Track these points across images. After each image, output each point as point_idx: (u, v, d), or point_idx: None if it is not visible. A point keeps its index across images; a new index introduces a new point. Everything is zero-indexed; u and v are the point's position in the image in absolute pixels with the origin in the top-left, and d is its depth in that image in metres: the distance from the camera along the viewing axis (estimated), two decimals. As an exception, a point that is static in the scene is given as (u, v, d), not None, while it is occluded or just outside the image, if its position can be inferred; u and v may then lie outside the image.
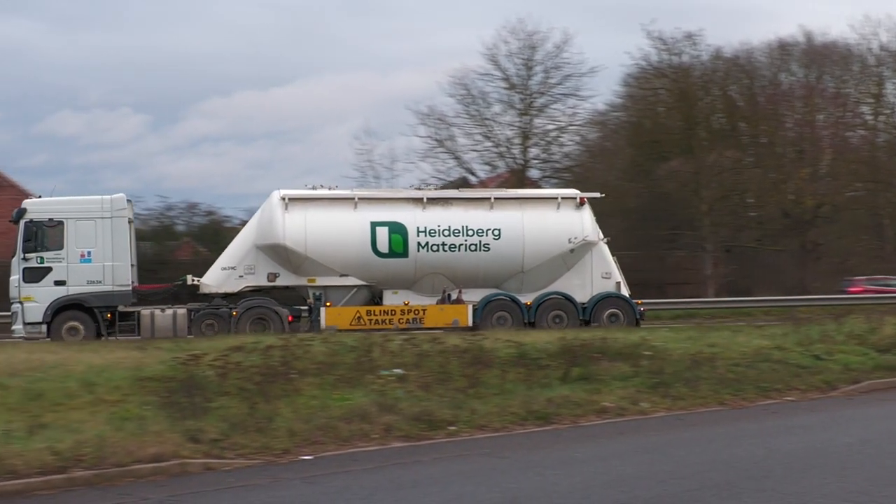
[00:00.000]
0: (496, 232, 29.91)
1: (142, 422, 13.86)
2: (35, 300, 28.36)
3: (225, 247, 30.74)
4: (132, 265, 30.16)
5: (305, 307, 29.66)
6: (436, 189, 31.77)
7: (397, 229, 29.65)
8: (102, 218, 29.03)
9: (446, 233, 29.76)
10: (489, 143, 45.81)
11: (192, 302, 29.74)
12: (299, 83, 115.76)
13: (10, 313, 29.32)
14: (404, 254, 29.69)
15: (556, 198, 31.16)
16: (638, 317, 30.26)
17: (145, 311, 28.88)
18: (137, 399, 15.66)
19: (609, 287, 30.64)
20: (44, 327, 28.38)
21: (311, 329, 28.50)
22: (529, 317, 29.67)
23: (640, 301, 30.90)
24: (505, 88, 45.50)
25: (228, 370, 16.28)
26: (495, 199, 30.65)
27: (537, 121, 45.60)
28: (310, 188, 30.93)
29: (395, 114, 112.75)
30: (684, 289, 44.76)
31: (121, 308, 28.80)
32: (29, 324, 28.40)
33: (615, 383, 18.05)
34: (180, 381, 15.66)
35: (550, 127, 45.88)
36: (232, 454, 13.05)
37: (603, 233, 30.68)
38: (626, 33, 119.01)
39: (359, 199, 30.29)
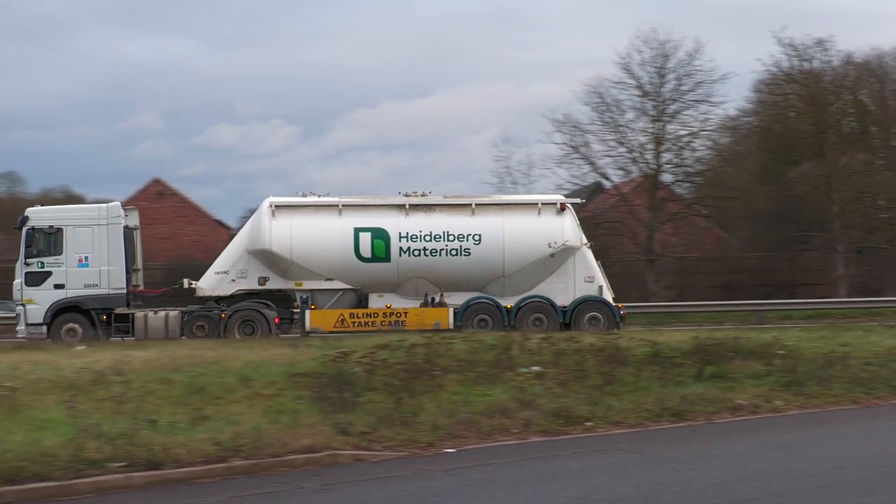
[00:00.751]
0: (477, 237, 29.62)
1: (295, 415, 14.07)
2: (36, 302, 28.88)
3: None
4: (138, 269, 30.87)
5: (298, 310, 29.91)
6: (421, 195, 30.91)
7: (380, 235, 29.58)
8: (99, 225, 29.40)
9: (428, 238, 29.57)
10: (623, 149, 45.33)
11: (192, 304, 30.16)
12: (440, 94, 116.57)
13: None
14: (386, 258, 29.59)
15: (537, 203, 30.54)
16: (618, 320, 29.58)
17: (139, 314, 29.20)
18: (291, 393, 15.88)
19: (592, 291, 29.99)
20: (44, 328, 28.81)
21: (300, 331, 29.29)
22: (510, 320, 29.39)
23: (620, 304, 30.33)
24: (638, 96, 44.99)
25: (375, 367, 16.40)
26: (476, 204, 30.30)
27: (670, 126, 44.95)
28: (300, 195, 31.28)
29: (532, 122, 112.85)
30: (815, 289, 43.70)
31: (117, 310, 29.14)
32: (31, 325, 28.90)
33: (748, 381, 17.73)
34: (331, 377, 15.84)
35: (683, 132, 45.17)
36: (379, 446, 13.17)
37: (734, 234, 29.97)
38: (756, 40, 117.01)
39: (343, 205, 30.28)
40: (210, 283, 30.16)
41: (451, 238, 29.48)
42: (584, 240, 30.58)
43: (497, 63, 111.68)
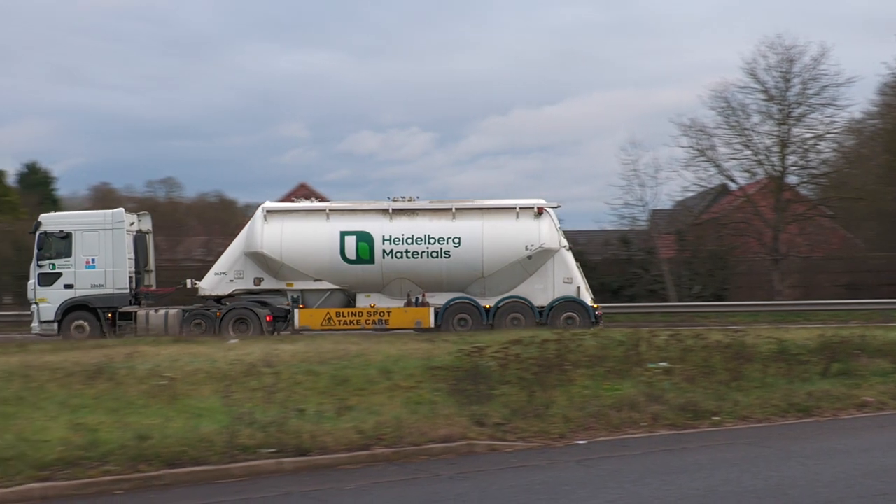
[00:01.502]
0: (456, 240, 29.43)
1: (433, 406, 14.17)
2: (48, 301, 29.58)
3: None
4: (151, 270, 31.50)
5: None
6: (408, 200, 30.70)
7: (364, 238, 29.58)
8: (104, 230, 29.94)
9: (410, 241, 29.45)
10: (748, 152, 44.37)
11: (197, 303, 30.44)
12: (569, 101, 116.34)
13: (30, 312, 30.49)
14: (370, 260, 29.56)
15: (515, 208, 30.02)
16: (593, 320, 29.01)
17: (141, 312, 29.56)
18: (429, 386, 16.00)
19: (570, 291, 29.61)
20: (55, 325, 29.46)
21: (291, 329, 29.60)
22: (489, 319, 29.29)
23: (596, 305, 29.77)
24: (763, 100, 43.99)
25: (508, 361, 16.41)
26: (457, 209, 30.07)
27: (795, 130, 43.84)
28: (298, 200, 31.85)
29: (658, 126, 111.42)
30: (945, 288, 42.21)
31: (121, 308, 29.57)
32: (43, 322, 29.60)
33: (875, 379, 17.25)
34: (466, 370, 15.92)
35: (808, 135, 43.99)
36: (513, 437, 13.17)
37: (859, 234, 29.00)
38: (882, 44, 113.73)
39: (330, 210, 30.44)
40: (210, 283, 30.54)
41: (431, 241, 29.49)
42: (564, 243, 30.31)
43: (624, 70, 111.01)
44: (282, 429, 12.22)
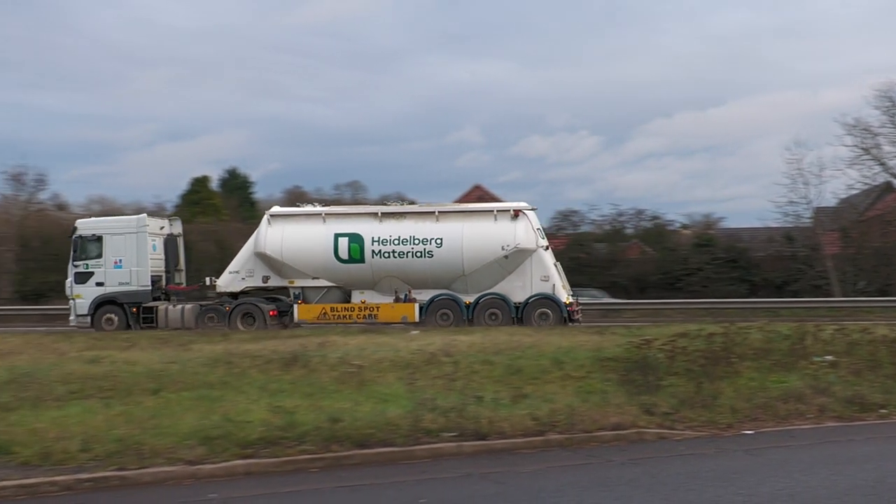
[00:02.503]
0: (439, 241, 29.78)
1: (603, 395, 14.05)
2: (83, 297, 31.01)
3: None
4: (181, 270, 33.21)
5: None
6: (400, 203, 32.06)
7: (355, 239, 30.22)
8: (130, 233, 31.26)
9: (396, 242, 29.96)
10: (914, 150, 42.57)
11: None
12: (733, 103, 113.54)
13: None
14: (361, 260, 30.17)
15: (493, 211, 30.49)
16: (565, 316, 29.09)
17: (161, 307, 30.90)
18: (599, 376, 15.87)
19: (547, 289, 29.56)
20: (89, 318, 30.81)
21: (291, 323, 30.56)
22: (468, 314, 29.54)
23: (570, 301, 29.63)
24: (928, 99, 42.12)
25: (676, 353, 16.10)
26: (440, 212, 30.49)
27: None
28: (302, 205, 33.11)
29: (821, 126, 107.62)
30: None
31: (144, 304, 30.83)
32: (79, 315, 30.98)
33: None
34: (635, 361, 15.71)
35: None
36: (681, 426, 12.92)
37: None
38: None
39: (326, 214, 31.23)
40: (225, 281, 31.53)
41: (416, 242, 29.92)
42: (542, 243, 30.10)
43: (786, 72, 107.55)
44: (461, 414, 12.31)
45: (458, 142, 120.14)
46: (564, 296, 29.62)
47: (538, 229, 30.21)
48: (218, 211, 64.33)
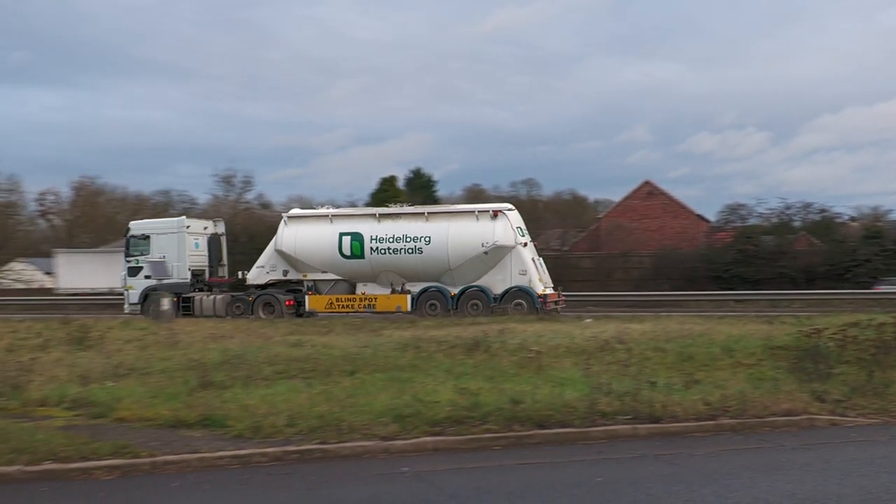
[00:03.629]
0: (427, 238, 31.15)
1: (774, 382, 13.58)
2: (133, 288, 33.68)
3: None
4: (224, 265, 35.49)
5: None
6: (399, 206, 33.88)
7: (357, 238, 31.90)
8: (172, 233, 33.69)
9: (392, 240, 31.51)
10: None
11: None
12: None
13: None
14: (361, 256, 31.83)
15: (475, 211, 31.78)
16: (538, 306, 29.91)
17: (197, 297, 33.24)
18: (769, 364, 15.39)
19: (524, 282, 30.55)
20: (139, 306, 33.15)
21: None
22: (453, 304, 30.72)
23: (543, 294, 30.50)
24: None
25: (847, 342, 15.40)
26: (429, 213, 32.18)
27: None
28: (318, 207, 35.32)
29: None
30: None
31: (183, 294, 32.97)
32: (131, 304, 33.60)
33: None
34: (805, 350, 15.09)
35: None
36: (853, 413, 12.37)
37: None
38: None
39: (332, 215, 33.10)
40: (253, 275, 33.57)
41: (408, 240, 31.39)
42: (521, 240, 30.94)
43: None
44: (635, 398, 12.13)
45: (628, 140, 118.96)
46: (540, 288, 30.60)
47: (518, 228, 31.16)
48: (404, 208, 65.54)
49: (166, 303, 30.69)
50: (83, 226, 60.32)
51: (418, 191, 73.55)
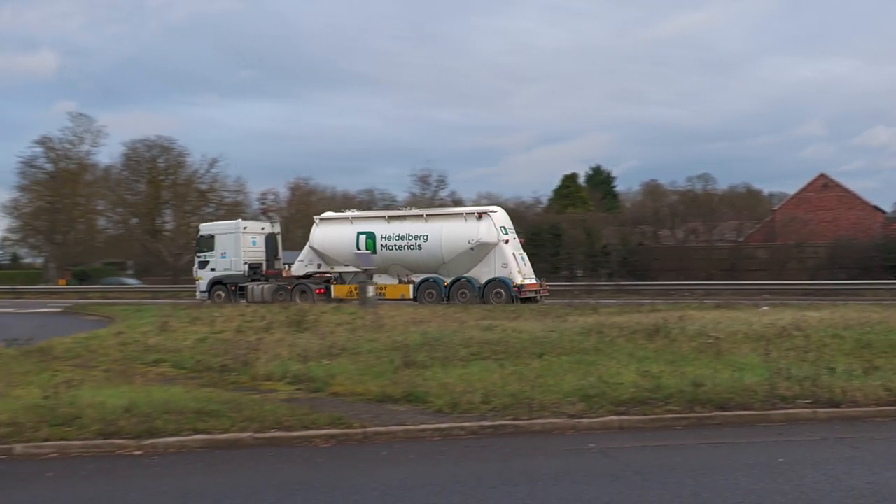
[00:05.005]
0: (425, 237, 33.36)
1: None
2: (202, 279, 37.45)
3: None
4: (278, 259, 38.05)
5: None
6: (405, 208, 37.18)
7: (371, 236, 34.34)
8: (231, 233, 37.32)
9: (397, 238, 33.85)
10: None
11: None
12: None
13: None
14: (374, 251, 34.15)
15: (463, 213, 34.08)
16: (514, 295, 31.51)
17: (250, 285, 36.13)
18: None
19: (505, 274, 32.14)
20: (206, 294, 36.96)
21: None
22: (446, 293, 32.65)
23: (518, 284, 31.82)
24: None
25: None
26: (427, 215, 34.57)
27: None
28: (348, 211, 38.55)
29: None
30: None
31: (239, 284, 36.42)
32: (201, 292, 37.20)
33: None
34: None
35: None
36: None
37: None
38: None
39: (352, 218, 35.78)
40: (296, 268, 36.40)
41: (410, 238, 33.63)
42: (503, 237, 32.47)
43: None
44: (815, 383, 11.58)
45: (802, 135, 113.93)
46: (518, 279, 32.06)
47: (501, 227, 32.79)
48: (585, 203, 64.96)
49: (371, 290, 31.64)
50: (297, 221, 62.72)
51: (598, 186, 72.78)
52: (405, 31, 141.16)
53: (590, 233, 51.35)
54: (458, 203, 72.02)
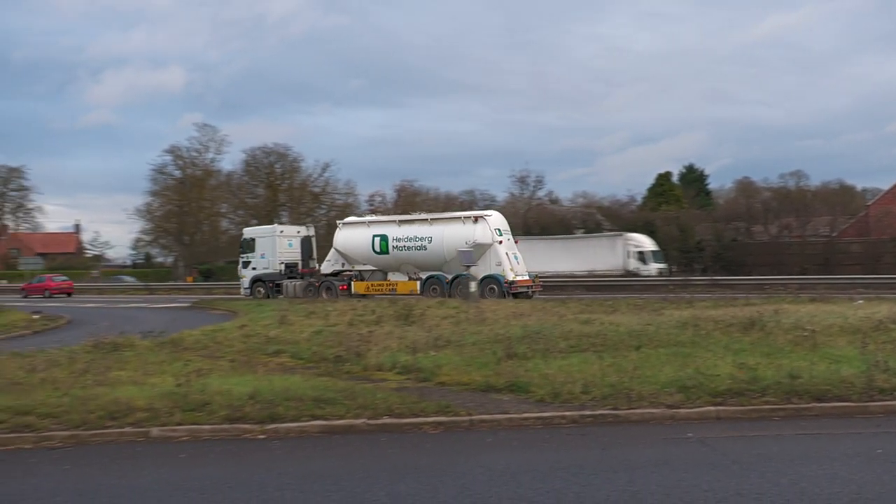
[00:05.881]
0: (430, 238, 35.25)
1: None
2: (245, 277, 40.16)
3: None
4: (313, 259, 40.19)
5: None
6: (414, 214, 38.66)
7: (384, 238, 36.36)
8: (269, 237, 39.94)
9: (407, 239, 35.77)
10: None
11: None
12: None
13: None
14: (387, 252, 36.28)
15: (461, 217, 35.59)
16: (504, 290, 32.83)
17: (285, 282, 38.48)
18: None
19: (498, 271, 33.49)
20: (249, 290, 39.67)
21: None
22: (448, 288, 34.05)
23: (510, 280, 33.14)
24: None
25: None
26: (432, 219, 36.31)
27: None
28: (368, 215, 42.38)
29: None
30: None
31: (276, 281, 38.73)
32: (245, 289, 39.88)
33: None
34: None
35: None
36: None
37: None
38: None
39: (369, 222, 37.94)
40: (325, 267, 38.81)
41: (418, 239, 35.53)
42: (497, 238, 33.92)
43: None
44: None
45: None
46: (511, 276, 33.33)
47: (496, 229, 34.32)
48: (678, 200, 63.73)
49: (474, 286, 31.74)
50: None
51: (691, 184, 71.27)
52: (503, 39, 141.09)
53: (683, 229, 50.40)
54: (554, 202, 71.64)
